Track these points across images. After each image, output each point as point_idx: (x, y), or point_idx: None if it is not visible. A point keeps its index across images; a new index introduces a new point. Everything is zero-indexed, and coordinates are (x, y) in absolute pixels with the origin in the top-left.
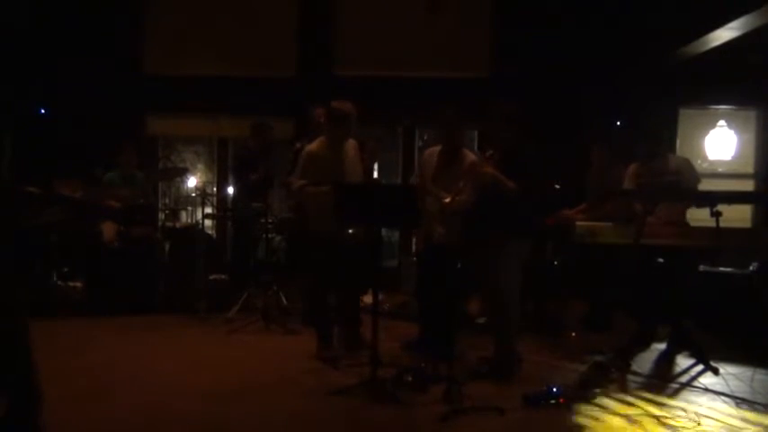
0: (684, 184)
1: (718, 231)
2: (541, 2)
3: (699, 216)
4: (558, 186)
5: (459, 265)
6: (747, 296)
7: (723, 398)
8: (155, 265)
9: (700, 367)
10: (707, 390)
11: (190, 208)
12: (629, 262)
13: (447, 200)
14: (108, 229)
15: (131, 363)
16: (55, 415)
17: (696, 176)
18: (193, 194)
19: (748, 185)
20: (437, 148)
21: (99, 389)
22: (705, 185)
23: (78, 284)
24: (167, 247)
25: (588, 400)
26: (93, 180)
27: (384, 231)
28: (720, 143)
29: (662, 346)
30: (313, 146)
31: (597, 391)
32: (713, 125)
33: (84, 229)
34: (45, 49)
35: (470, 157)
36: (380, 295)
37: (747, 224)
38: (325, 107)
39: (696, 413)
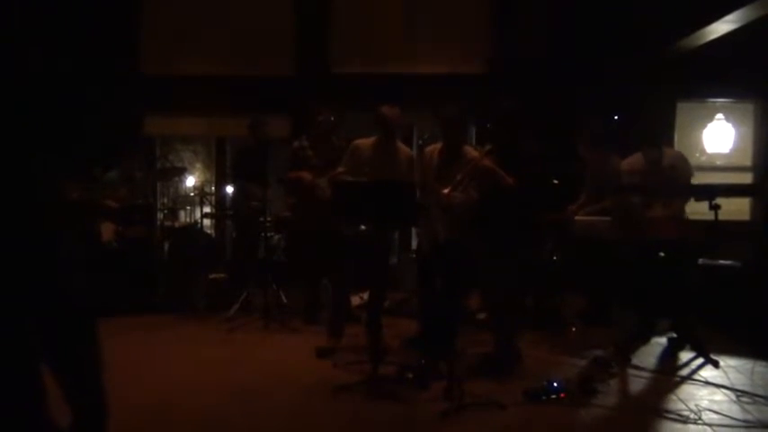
0: (680, 180)
1: (716, 224)
2: None
3: (698, 209)
4: (556, 182)
5: (459, 263)
6: (747, 289)
7: (723, 390)
8: (154, 264)
9: (700, 360)
10: (707, 383)
11: (188, 207)
12: (629, 256)
13: (446, 191)
14: (106, 230)
15: (131, 363)
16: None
17: (690, 172)
18: (192, 194)
19: (746, 178)
20: (438, 146)
21: None
22: (703, 179)
23: None
24: (166, 246)
25: (589, 395)
26: (92, 180)
27: None
28: (718, 136)
29: (662, 339)
30: (362, 140)
31: (597, 385)
32: (711, 118)
33: (83, 229)
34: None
35: (472, 153)
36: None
37: (746, 217)
38: (328, 107)
39: (697, 406)
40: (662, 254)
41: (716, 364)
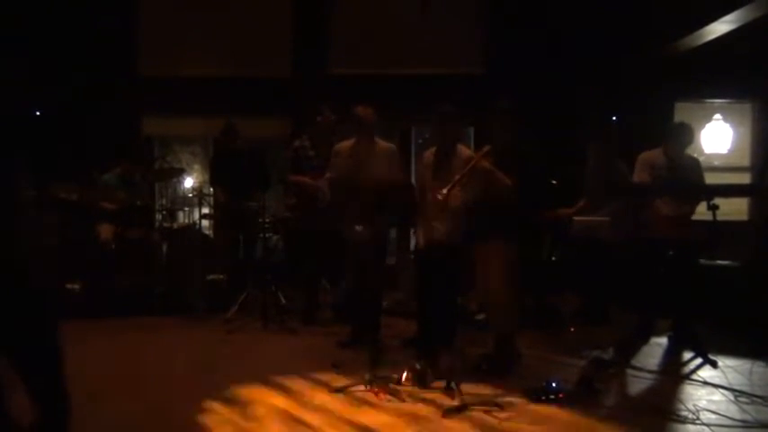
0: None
1: (715, 224)
2: None
3: (696, 210)
4: (554, 182)
5: (457, 263)
6: (745, 289)
7: (722, 391)
8: (152, 266)
9: (698, 360)
10: (706, 383)
11: (186, 208)
12: (633, 256)
13: (444, 191)
14: (105, 231)
15: (130, 364)
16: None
17: (702, 177)
18: (190, 195)
19: (744, 178)
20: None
21: (97, 390)
22: None
23: (76, 286)
24: (165, 247)
25: (588, 394)
26: (91, 181)
27: None
28: (716, 137)
29: (661, 339)
30: (342, 143)
31: (597, 385)
32: (709, 119)
33: (82, 231)
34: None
35: (465, 152)
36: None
37: (744, 217)
38: (329, 108)
39: (695, 406)
40: (671, 253)
41: (714, 365)
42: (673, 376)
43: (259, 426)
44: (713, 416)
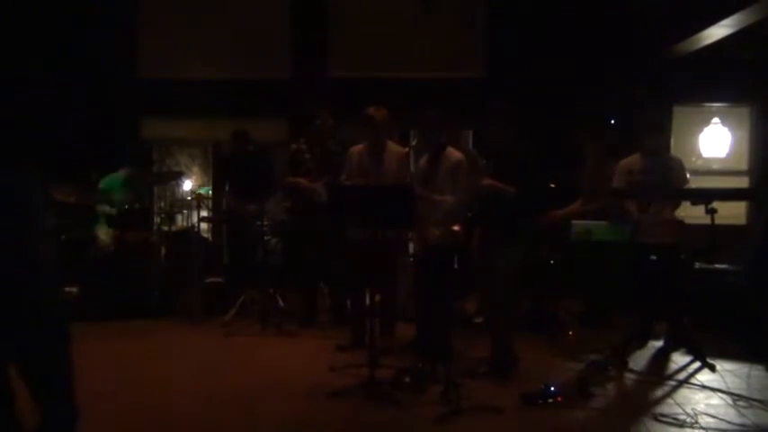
0: (673, 184)
1: (713, 228)
2: (535, 1)
3: (694, 213)
4: (552, 185)
5: (455, 266)
6: (743, 293)
7: (720, 395)
8: (151, 269)
9: (696, 364)
10: (704, 387)
11: (185, 211)
12: (623, 260)
13: (456, 227)
14: (103, 234)
15: (128, 367)
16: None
17: (684, 178)
18: (189, 198)
19: (743, 182)
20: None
21: (96, 393)
22: (700, 183)
23: (74, 289)
24: (163, 250)
25: (586, 398)
26: (89, 184)
27: None
28: (715, 140)
29: (659, 343)
30: (356, 147)
31: (594, 389)
32: (707, 122)
33: (80, 233)
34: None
35: (455, 156)
36: (377, 296)
37: (742, 221)
38: (327, 110)
39: (693, 410)
40: (653, 257)
41: (712, 368)
42: (670, 380)
43: (256, 427)
44: (711, 420)
